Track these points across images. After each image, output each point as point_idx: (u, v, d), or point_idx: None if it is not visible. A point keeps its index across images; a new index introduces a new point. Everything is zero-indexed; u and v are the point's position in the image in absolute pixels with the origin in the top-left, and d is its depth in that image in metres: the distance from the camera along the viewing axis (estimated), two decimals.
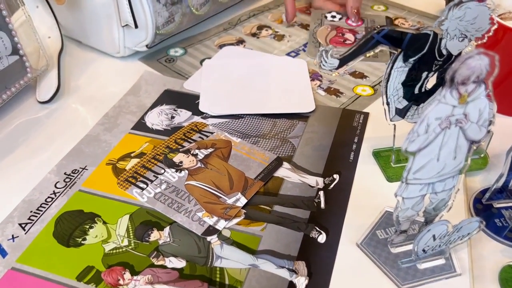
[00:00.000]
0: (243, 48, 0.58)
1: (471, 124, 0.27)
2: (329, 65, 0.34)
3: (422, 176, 0.29)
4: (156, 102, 0.49)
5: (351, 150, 0.43)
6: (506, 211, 0.37)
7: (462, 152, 0.28)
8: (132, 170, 0.41)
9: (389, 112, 0.37)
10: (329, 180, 0.40)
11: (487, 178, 0.40)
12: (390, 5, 0.69)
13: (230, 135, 0.45)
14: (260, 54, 0.57)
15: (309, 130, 0.46)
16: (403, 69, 0.34)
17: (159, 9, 0.51)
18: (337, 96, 0.51)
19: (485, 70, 0.25)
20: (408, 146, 0.27)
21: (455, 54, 0.34)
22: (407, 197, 0.30)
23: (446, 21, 0.32)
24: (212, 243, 0.35)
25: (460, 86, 0.25)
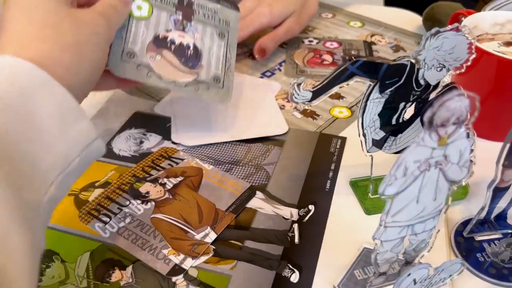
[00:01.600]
0: None
1: (452, 165, 0.25)
2: (302, 98, 0.32)
3: (401, 218, 0.27)
4: (125, 126, 0.47)
5: (327, 179, 0.41)
6: (489, 245, 0.35)
7: (442, 193, 0.27)
8: (95, 202, 0.39)
9: (366, 143, 0.35)
10: (304, 212, 0.38)
11: (467, 208, 0.39)
12: (367, 21, 0.68)
13: (201, 162, 0.42)
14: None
15: (284, 156, 0.44)
16: (380, 100, 0.33)
17: None
18: (314, 118, 0.49)
19: (466, 111, 0.23)
20: (385, 190, 0.25)
21: (433, 84, 0.33)
22: (386, 240, 0.28)
23: (423, 51, 0.31)
24: (178, 284, 0.33)
25: (439, 128, 0.23)
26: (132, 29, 0.38)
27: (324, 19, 0.68)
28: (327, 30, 0.65)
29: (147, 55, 0.38)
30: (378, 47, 0.61)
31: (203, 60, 0.40)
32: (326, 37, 0.63)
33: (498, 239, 0.36)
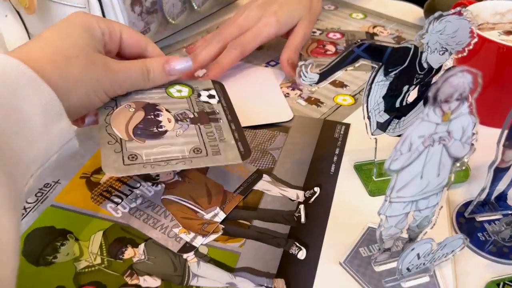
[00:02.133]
0: None
1: (455, 141, 0.26)
2: (309, 80, 0.33)
3: (406, 194, 0.28)
4: None
5: (332, 163, 0.43)
6: (489, 224, 0.36)
7: (445, 168, 0.28)
8: (106, 184, 0.40)
9: (370, 126, 0.36)
10: (310, 194, 0.39)
11: (468, 191, 0.40)
12: (369, 13, 0.69)
13: None
14: (238, 64, 0.56)
15: (289, 142, 0.45)
16: (384, 83, 0.34)
17: (134, 19, 0.50)
18: (318, 105, 0.50)
19: (468, 87, 0.24)
20: (391, 165, 0.26)
21: (436, 67, 0.34)
22: (391, 215, 0.29)
23: (426, 35, 0.32)
24: (189, 261, 0.34)
25: (443, 104, 0.24)
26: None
27: (327, 11, 0.69)
28: (330, 21, 0.66)
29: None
30: (380, 38, 0.62)
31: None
32: (329, 28, 0.64)
33: (499, 219, 0.37)
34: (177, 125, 0.37)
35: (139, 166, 0.33)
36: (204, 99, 0.39)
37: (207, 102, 0.39)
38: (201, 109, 0.38)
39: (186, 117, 0.37)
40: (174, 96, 0.39)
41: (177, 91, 0.40)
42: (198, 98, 0.39)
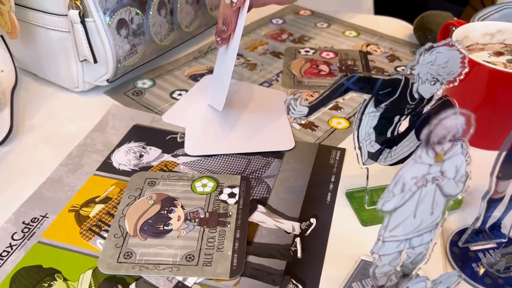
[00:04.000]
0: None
1: (448, 180, 0.26)
2: (298, 113, 0.32)
3: (399, 233, 0.27)
4: (124, 139, 0.47)
5: (328, 191, 0.42)
6: (483, 254, 0.36)
7: (439, 207, 0.27)
8: (96, 218, 0.39)
9: (362, 156, 0.36)
10: (306, 225, 0.39)
11: (462, 217, 0.40)
12: (362, 30, 0.69)
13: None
14: (239, 84, 0.56)
15: (284, 169, 0.44)
16: (375, 114, 0.33)
17: (120, 42, 0.49)
18: (313, 130, 0.50)
19: (461, 128, 0.24)
20: (383, 206, 0.25)
21: (427, 97, 0.33)
22: (384, 254, 0.28)
23: (417, 66, 0.31)
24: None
25: (436, 145, 0.24)
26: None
27: (320, 29, 0.69)
28: (323, 40, 0.66)
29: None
30: (373, 57, 0.62)
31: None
32: (322, 47, 0.64)
33: (493, 248, 0.36)
34: (184, 224, 0.38)
35: (129, 266, 0.35)
36: (224, 197, 0.40)
37: (225, 202, 0.40)
38: (215, 209, 0.39)
39: (196, 217, 0.38)
40: (196, 192, 0.40)
41: (202, 186, 0.41)
42: (219, 196, 0.40)
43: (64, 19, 0.47)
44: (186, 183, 0.42)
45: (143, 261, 0.35)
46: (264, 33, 0.67)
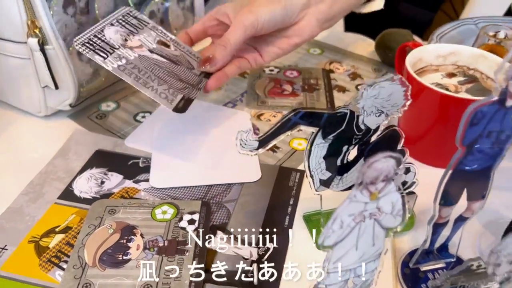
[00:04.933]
0: None
1: (385, 215, 0.27)
2: (249, 147, 0.33)
3: (343, 264, 0.29)
4: (86, 166, 0.47)
5: (286, 214, 0.43)
6: (433, 274, 0.38)
7: (379, 238, 0.29)
8: (55, 249, 0.39)
9: (314, 183, 0.37)
10: (263, 250, 0.39)
11: (414, 237, 0.41)
12: (326, 47, 0.70)
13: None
14: (204, 104, 0.56)
15: (245, 193, 0.45)
16: (323, 145, 0.35)
17: (82, 66, 0.50)
18: (274, 151, 0.51)
19: (392, 169, 0.25)
20: (324, 242, 0.27)
21: (373, 128, 0.35)
22: (330, 284, 0.29)
23: (361, 100, 0.33)
24: None
25: (370, 185, 0.25)
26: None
27: None
28: (287, 57, 0.67)
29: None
30: (336, 75, 0.64)
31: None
32: (286, 66, 0.65)
33: (442, 268, 0.38)
34: (143, 253, 0.38)
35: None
36: (183, 224, 0.41)
37: (184, 229, 0.40)
38: (174, 237, 0.39)
39: (155, 245, 0.38)
40: (156, 219, 0.41)
41: (162, 212, 0.41)
42: (178, 223, 0.41)
43: (23, 46, 0.47)
44: (146, 210, 0.42)
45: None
46: None
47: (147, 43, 0.45)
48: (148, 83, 0.39)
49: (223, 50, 0.47)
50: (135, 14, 0.48)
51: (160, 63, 0.44)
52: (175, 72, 0.44)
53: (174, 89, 0.42)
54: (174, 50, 0.46)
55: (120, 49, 0.43)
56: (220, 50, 0.47)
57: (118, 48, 0.42)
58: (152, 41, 0.45)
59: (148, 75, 0.40)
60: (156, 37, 0.47)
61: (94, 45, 0.41)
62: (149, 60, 0.44)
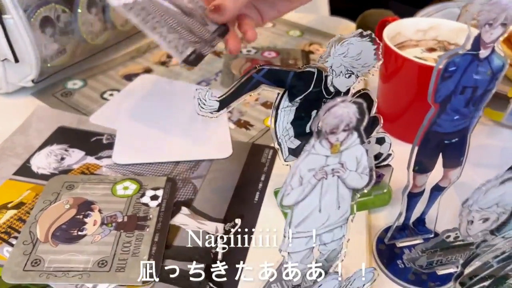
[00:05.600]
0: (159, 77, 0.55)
1: (350, 172, 0.25)
2: (209, 107, 0.31)
3: (305, 228, 0.26)
4: (46, 142, 0.45)
5: (256, 190, 0.41)
6: (409, 251, 0.35)
7: (345, 200, 0.26)
8: (6, 225, 0.36)
9: (282, 152, 0.35)
10: (230, 226, 0.37)
11: (391, 214, 0.39)
12: (306, 30, 0.68)
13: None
14: (175, 84, 0.54)
15: (214, 169, 0.43)
16: (290, 109, 0.32)
17: (45, 41, 0.47)
18: (247, 128, 0.48)
19: (355, 117, 0.23)
20: (283, 200, 0.24)
21: (343, 91, 0.33)
22: (293, 251, 0.27)
23: (329, 58, 0.31)
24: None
25: (330, 135, 0.23)
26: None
27: (264, 29, 0.68)
28: (267, 39, 0.65)
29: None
30: (315, 56, 0.62)
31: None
32: (265, 47, 0.63)
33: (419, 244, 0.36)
34: (100, 229, 0.36)
35: (35, 274, 0.32)
36: (145, 200, 0.38)
37: (146, 205, 0.38)
38: (134, 213, 0.37)
39: (113, 221, 0.36)
40: (116, 195, 0.38)
41: (124, 188, 0.39)
42: (140, 199, 0.38)
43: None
44: (106, 186, 0.39)
45: (51, 269, 0.33)
46: None
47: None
48: (157, 28, 0.36)
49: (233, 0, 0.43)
50: None
51: (172, 11, 0.40)
52: (187, 23, 0.40)
53: (185, 41, 0.38)
54: (188, 3, 0.42)
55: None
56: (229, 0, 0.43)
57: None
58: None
59: (157, 20, 0.36)
60: None
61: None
62: (160, 6, 0.40)
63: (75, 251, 0.34)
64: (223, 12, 0.42)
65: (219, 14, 0.42)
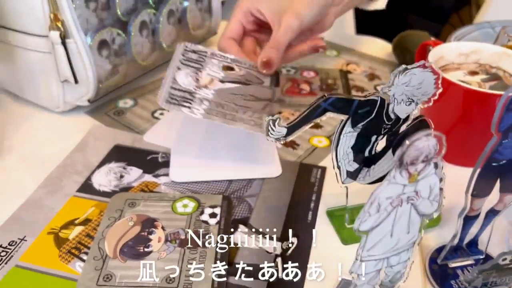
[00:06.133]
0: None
1: (423, 200, 0.27)
2: (277, 134, 0.33)
3: (376, 252, 0.28)
4: (105, 160, 0.47)
5: (309, 209, 0.42)
6: (462, 271, 0.37)
7: (415, 225, 0.28)
8: (75, 240, 0.38)
9: (341, 175, 0.36)
10: (287, 245, 0.39)
11: (441, 235, 0.40)
12: (342, 49, 0.70)
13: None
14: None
15: (266, 188, 0.44)
16: (352, 134, 0.34)
17: (101, 62, 0.50)
18: (294, 148, 0.50)
19: (433, 150, 0.24)
20: (360, 226, 0.26)
21: (403, 117, 0.34)
22: (362, 273, 0.29)
23: (392, 87, 0.32)
24: None
25: (410, 166, 0.24)
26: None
27: None
28: (304, 59, 0.67)
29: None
30: (353, 75, 0.63)
31: None
32: (303, 66, 0.65)
33: (471, 265, 0.37)
34: (165, 246, 0.37)
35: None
36: (205, 218, 0.40)
37: (205, 222, 0.40)
38: (195, 230, 0.39)
39: (177, 238, 0.38)
40: (177, 212, 0.40)
41: (183, 206, 0.41)
42: (199, 216, 0.40)
43: (45, 40, 0.47)
44: (166, 203, 0.41)
45: (122, 284, 0.35)
46: None
47: (215, 74, 0.46)
48: (235, 116, 0.40)
49: (277, 52, 0.49)
50: (190, 47, 0.50)
51: (235, 90, 0.46)
52: (250, 93, 0.46)
53: (257, 112, 0.43)
54: (239, 71, 0.48)
55: (197, 92, 0.44)
56: (274, 53, 0.49)
57: (195, 91, 0.43)
58: (218, 70, 0.47)
59: (231, 107, 0.40)
60: (219, 64, 0.48)
61: (177, 98, 0.42)
62: (225, 92, 0.46)
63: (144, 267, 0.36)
64: (272, 65, 0.49)
65: (270, 68, 0.49)
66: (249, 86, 0.47)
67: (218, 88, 0.46)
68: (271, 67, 0.49)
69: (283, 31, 0.49)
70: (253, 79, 0.48)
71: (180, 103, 0.41)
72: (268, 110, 0.44)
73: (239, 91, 0.46)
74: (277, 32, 0.49)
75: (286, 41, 0.49)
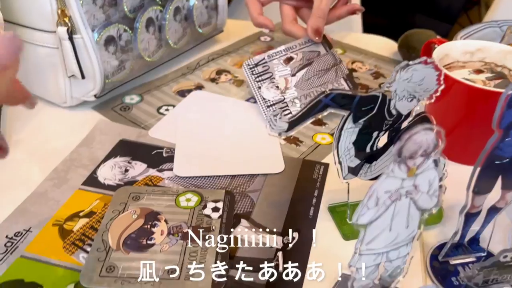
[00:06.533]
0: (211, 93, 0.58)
1: (422, 194, 0.27)
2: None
3: (375, 246, 0.28)
4: (110, 154, 0.47)
5: (311, 205, 0.43)
6: (463, 268, 0.37)
7: (414, 220, 0.28)
8: (79, 232, 0.39)
9: (342, 171, 0.36)
10: (288, 240, 0.39)
11: (442, 232, 0.40)
12: (347, 48, 0.70)
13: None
14: (226, 100, 0.56)
15: (269, 183, 0.45)
16: (353, 130, 0.34)
17: (108, 58, 0.50)
18: (297, 145, 0.50)
19: (432, 144, 0.25)
20: (358, 219, 0.26)
21: (404, 114, 0.34)
22: (361, 267, 0.29)
23: (394, 83, 0.32)
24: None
25: (408, 160, 0.25)
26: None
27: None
28: None
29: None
30: (359, 74, 0.63)
31: None
32: None
33: (472, 262, 0.37)
34: (167, 238, 0.38)
35: (111, 280, 0.35)
36: (207, 212, 0.40)
37: (208, 216, 0.40)
38: (198, 223, 0.39)
39: (179, 231, 0.38)
40: (180, 206, 0.41)
41: (186, 200, 0.41)
42: (202, 210, 0.41)
43: (52, 35, 0.48)
44: (170, 197, 0.42)
45: (125, 275, 0.35)
46: (252, 50, 0.69)
47: (284, 72, 0.51)
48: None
49: (323, 21, 0.56)
50: (251, 63, 0.54)
51: (306, 75, 0.52)
52: (319, 69, 0.53)
53: (335, 81, 0.49)
54: (297, 56, 0.53)
55: (285, 97, 0.49)
56: (321, 22, 0.55)
57: (284, 98, 0.48)
58: (283, 67, 0.52)
59: (314, 92, 0.48)
60: (279, 61, 0.53)
61: (278, 110, 0.47)
62: (301, 82, 0.51)
63: (145, 259, 0.36)
64: (321, 33, 0.55)
65: (320, 35, 0.55)
66: (313, 63, 0.52)
67: (295, 83, 0.50)
68: (321, 34, 0.55)
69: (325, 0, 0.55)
70: (311, 55, 0.52)
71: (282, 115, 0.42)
72: (340, 73, 0.50)
73: (310, 74, 0.51)
74: (321, 2, 0.55)
75: (328, 9, 0.56)
